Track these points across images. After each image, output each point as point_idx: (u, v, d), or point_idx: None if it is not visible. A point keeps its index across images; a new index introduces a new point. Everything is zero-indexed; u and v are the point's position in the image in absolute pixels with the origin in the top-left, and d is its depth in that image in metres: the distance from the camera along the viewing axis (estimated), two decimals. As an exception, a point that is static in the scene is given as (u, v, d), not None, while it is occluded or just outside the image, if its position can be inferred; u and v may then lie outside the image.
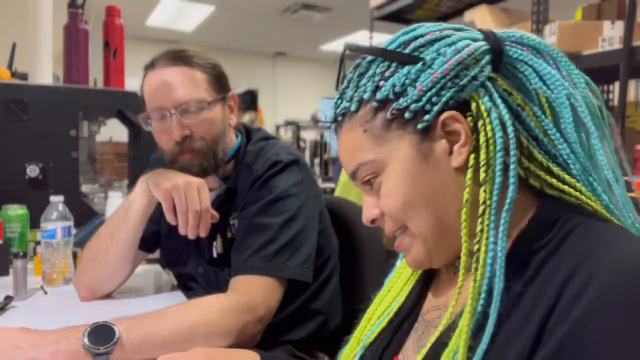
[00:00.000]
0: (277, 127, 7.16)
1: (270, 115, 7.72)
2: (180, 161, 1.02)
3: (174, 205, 0.97)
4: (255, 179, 1.02)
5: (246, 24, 6.83)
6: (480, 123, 0.50)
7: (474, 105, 0.51)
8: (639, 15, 1.72)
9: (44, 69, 1.75)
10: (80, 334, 0.75)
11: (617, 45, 1.72)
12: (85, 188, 2.02)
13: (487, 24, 2.17)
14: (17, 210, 1.38)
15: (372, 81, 0.53)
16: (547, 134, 0.52)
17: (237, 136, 1.13)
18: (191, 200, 0.96)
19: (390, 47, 0.54)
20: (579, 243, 0.46)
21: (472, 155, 0.51)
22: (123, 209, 1.03)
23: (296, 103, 8.32)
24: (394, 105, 0.52)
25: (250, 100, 6.94)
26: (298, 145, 6.52)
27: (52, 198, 1.21)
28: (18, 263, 1.08)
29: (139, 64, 1.06)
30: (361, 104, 0.54)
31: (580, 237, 0.46)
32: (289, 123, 6.90)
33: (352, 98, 0.55)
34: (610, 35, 1.76)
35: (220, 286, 1.03)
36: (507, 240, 0.48)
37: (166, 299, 1.12)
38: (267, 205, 0.98)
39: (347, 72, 0.58)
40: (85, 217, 1.55)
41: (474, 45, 0.51)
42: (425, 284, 0.63)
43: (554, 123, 0.52)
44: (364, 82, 0.54)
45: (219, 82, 1.05)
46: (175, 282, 1.23)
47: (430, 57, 0.51)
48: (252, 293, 0.90)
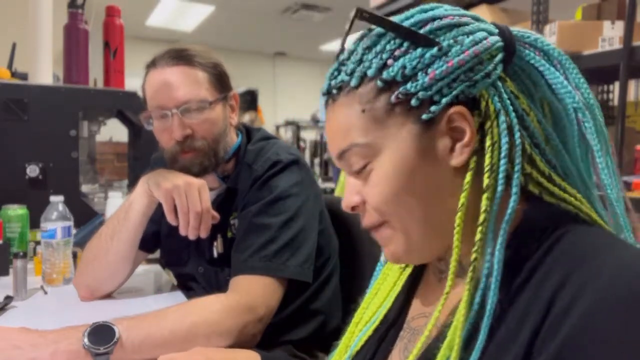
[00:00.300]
0: (277, 127, 7.16)
1: (270, 115, 7.71)
2: (181, 160, 1.02)
3: (175, 206, 0.97)
4: (255, 179, 1.02)
5: (246, 24, 6.82)
6: (487, 124, 0.48)
7: (483, 104, 0.48)
8: (639, 15, 1.72)
9: (44, 69, 1.76)
10: (80, 334, 0.75)
11: (617, 45, 1.72)
12: (85, 188, 2.02)
13: (487, 24, 2.17)
14: (17, 210, 1.38)
15: (380, 58, 0.49)
16: (549, 142, 0.50)
17: (237, 135, 1.13)
18: (192, 201, 0.96)
19: (406, 24, 0.49)
20: (569, 251, 0.44)
21: (474, 158, 0.48)
22: (123, 209, 1.03)
23: (296, 103, 8.32)
24: (401, 89, 0.48)
25: (250, 100, 6.93)
26: (298, 145, 6.52)
27: (52, 198, 1.21)
28: (18, 263, 1.08)
29: (139, 64, 1.07)
30: (363, 80, 0.50)
31: (571, 244, 0.44)
32: (289, 123, 6.90)
33: (353, 71, 0.50)
34: (610, 35, 1.76)
35: (221, 286, 1.03)
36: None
37: (166, 299, 1.12)
38: (267, 205, 0.98)
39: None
40: (85, 217, 1.55)
41: (491, 40, 0.48)
42: (412, 289, 0.61)
43: (555, 133, 0.51)
44: (370, 56, 0.49)
45: (221, 81, 1.05)
46: (175, 282, 1.23)
47: (447, 44, 0.47)
48: (252, 293, 0.90)
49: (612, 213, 0.51)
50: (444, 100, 0.47)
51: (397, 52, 0.48)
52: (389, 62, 0.48)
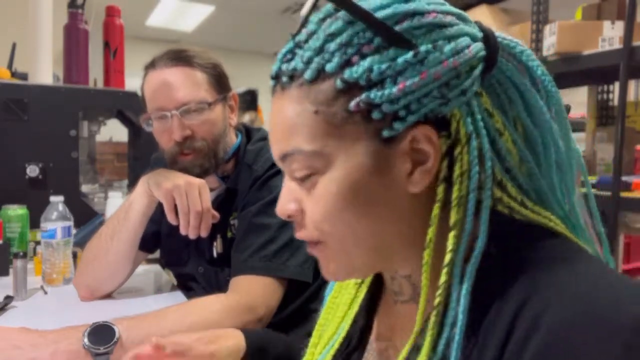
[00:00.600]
0: (277, 127, 7.14)
1: (270, 115, 7.70)
2: (181, 162, 1.02)
3: (175, 206, 0.97)
4: (255, 179, 1.02)
5: (246, 24, 6.82)
6: (457, 150, 0.42)
7: (453, 125, 0.42)
8: (639, 15, 1.72)
9: (44, 69, 1.76)
10: (80, 334, 0.75)
11: (617, 45, 1.72)
12: (85, 188, 2.02)
13: (487, 24, 2.16)
14: (17, 210, 1.38)
15: (344, 52, 0.40)
16: (522, 164, 0.45)
17: (237, 136, 1.13)
18: (192, 200, 0.96)
19: (380, 14, 0.40)
20: (526, 276, 0.39)
21: (441, 187, 0.42)
22: (123, 209, 1.03)
23: (296, 103, 8.31)
24: (363, 95, 0.40)
25: (250, 100, 6.91)
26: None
27: (52, 198, 1.21)
28: (18, 263, 1.08)
29: (139, 64, 1.07)
30: (320, 75, 0.41)
31: (528, 269, 0.40)
32: (289, 123, 6.88)
33: (309, 61, 0.41)
34: (610, 35, 1.76)
35: (221, 286, 1.03)
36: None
37: (166, 299, 1.12)
38: (267, 205, 0.98)
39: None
40: (85, 217, 1.55)
41: (474, 48, 0.42)
42: (372, 307, 0.55)
43: (529, 153, 0.46)
44: (332, 47, 0.41)
45: (220, 82, 1.05)
46: (175, 282, 1.24)
47: (424, 49, 0.40)
48: (252, 293, 0.90)
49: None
50: (410, 118, 0.40)
51: (365, 49, 0.40)
52: (354, 59, 0.40)
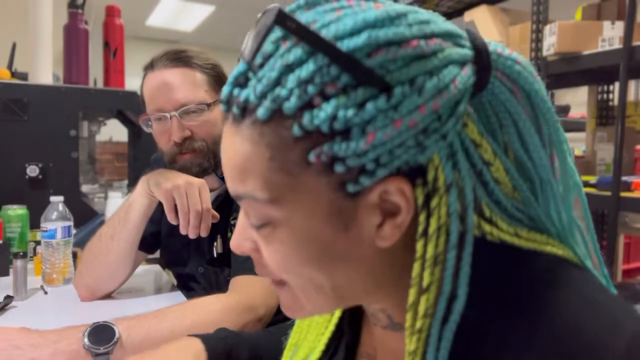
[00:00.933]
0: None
1: (270, 115, 7.72)
2: (180, 161, 1.02)
3: (175, 205, 0.97)
4: (255, 179, 1.02)
5: (246, 24, 6.74)
6: (434, 201, 0.36)
7: (431, 174, 0.35)
8: (639, 15, 1.72)
9: (44, 69, 1.76)
10: (80, 334, 0.75)
11: (617, 45, 1.72)
12: (85, 188, 2.02)
13: (487, 24, 2.16)
14: (17, 210, 1.38)
15: (304, 90, 0.33)
16: (515, 192, 0.40)
17: (237, 136, 1.13)
18: (192, 200, 0.96)
19: (350, 45, 0.33)
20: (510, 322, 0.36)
21: (421, 242, 0.36)
22: (123, 209, 1.03)
23: (296, 103, 8.32)
24: (325, 147, 0.33)
25: (250, 100, 6.94)
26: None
27: (52, 198, 1.21)
28: (18, 263, 1.08)
29: (139, 64, 1.07)
30: (275, 115, 0.34)
31: (512, 311, 0.36)
32: (289, 123, 6.90)
33: (263, 96, 0.34)
34: (610, 35, 1.76)
35: (221, 286, 1.03)
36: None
37: (166, 299, 1.12)
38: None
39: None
40: (85, 217, 1.55)
41: (460, 80, 0.35)
42: (357, 320, 0.51)
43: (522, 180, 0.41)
44: (290, 82, 0.33)
45: (219, 82, 1.05)
46: (175, 282, 1.24)
47: (399, 91, 0.33)
48: (252, 293, 0.90)
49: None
50: (380, 173, 0.34)
51: (328, 89, 0.33)
52: (315, 101, 0.33)
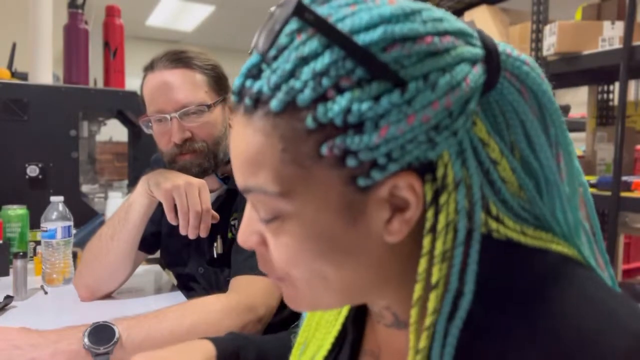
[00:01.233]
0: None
1: (270, 115, 7.71)
2: (180, 161, 1.02)
3: (175, 206, 0.97)
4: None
5: (246, 24, 6.81)
6: (442, 198, 0.36)
7: (440, 170, 0.36)
8: (639, 15, 1.72)
9: (44, 69, 1.76)
10: (80, 334, 0.75)
11: (617, 45, 1.72)
12: (85, 188, 2.03)
13: (487, 24, 2.16)
14: (17, 210, 1.38)
15: (319, 82, 0.33)
16: (522, 191, 0.41)
17: (237, 136, 1.13)
18: (192, 200, 0.96)
19: (366, 39, 0.33)
20: (512, 320, 0.36)
21: (428, 238, 0.37)
22: (123, 209, 1.03)
23: (296, 103, 8.32)
24: (337, 140, 0.34)
25: (250, 100, 6.93)
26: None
27: (52, 198, 1.21)
28: (18, 263, 1.08)
29: (139, 64, 1.07)
30: (288, 107, 0.34)
31: (514, 310, 0.36)
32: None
33: (277, 88, 0.35)
34: (610, 35, 1.76)
35: (221, 286, 1.03)
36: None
37: (166, 299, 1.12)
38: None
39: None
40: (85, 217, 1.55)
41: (472, 78, 0.35)
42: (361, 318, 0.52)
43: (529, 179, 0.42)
44: (304, 74, 0.34)
45: (219, 83, 1.05)
46: (175, 282, 1.24)
47: (413, 86, 0.33)
48: (252, 293, 0.90)
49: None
50: (391, 167, 0.35)
51: (343, 82, 0.33)
52: (330, 93, 0.33)
